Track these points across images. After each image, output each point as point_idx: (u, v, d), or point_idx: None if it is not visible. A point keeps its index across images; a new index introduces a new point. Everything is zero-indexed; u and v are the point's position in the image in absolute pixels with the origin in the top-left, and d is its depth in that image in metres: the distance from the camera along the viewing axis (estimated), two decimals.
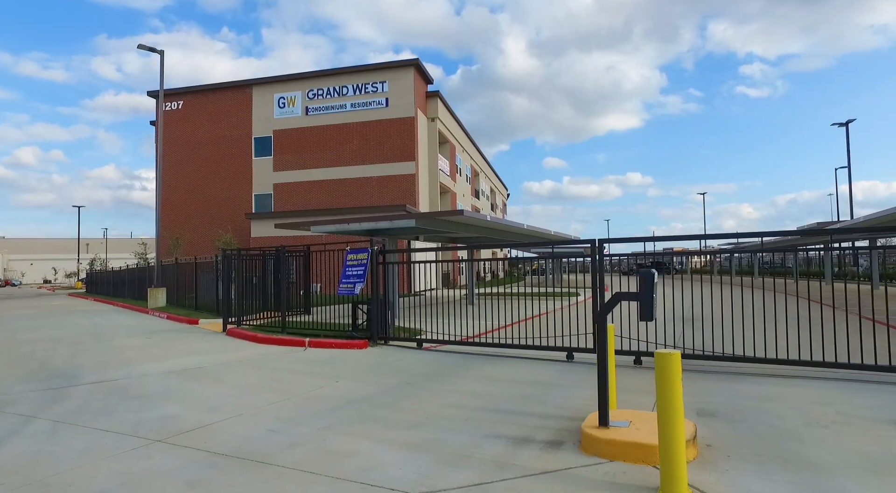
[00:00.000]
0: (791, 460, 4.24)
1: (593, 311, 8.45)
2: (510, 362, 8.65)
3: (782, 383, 6.76)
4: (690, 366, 7.83)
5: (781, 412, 5.51)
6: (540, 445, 4.70)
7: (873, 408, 5.58)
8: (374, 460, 4.39)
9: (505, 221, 15.36)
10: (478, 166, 50.11)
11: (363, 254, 10.73)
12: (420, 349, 10.07)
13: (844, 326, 7.96)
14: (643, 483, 3.82)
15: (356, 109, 31.65)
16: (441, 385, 7.15)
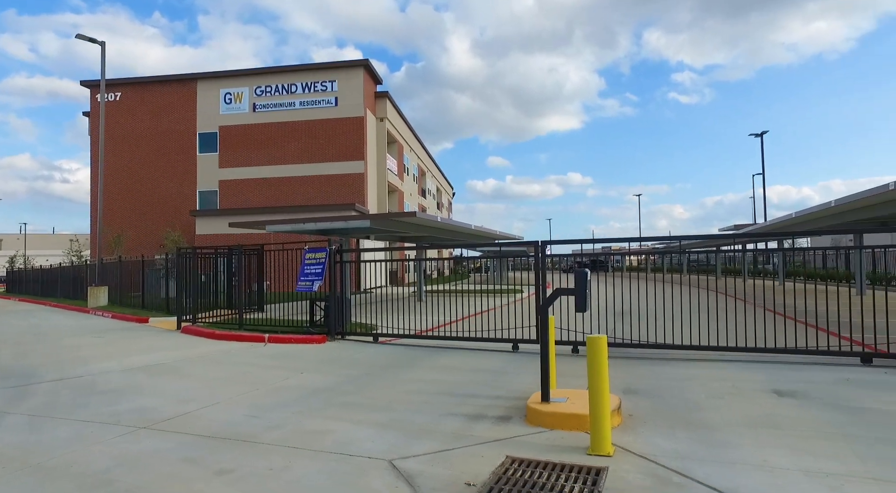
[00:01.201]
0: (692, 423, 5.19)
1: (537, 305, 9.33)
2: (461, 353, 9.40)
3: (696, 366, 7.85)
4: (622, 353, 8.85)
5: (691, 388, 6.53)
6: (492, 420, 5.45)
7: (761, 382, 6.72)
8: (348, 436, 5.00)
9: (454, 222, 16.13)
10: (425, 165, 50.81)
11: (321, 253, 11.19)
12: (376, 343, 10.67)
13: (750, 316, 9.23)
14: (577, 445, 4.63)
15: (305, 107, 31.60)
16: (400, 374, 7.80)
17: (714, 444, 4.60)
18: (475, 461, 4.31)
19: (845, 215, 14.24)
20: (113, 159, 33.74)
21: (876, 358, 7.60)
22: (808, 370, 7.34)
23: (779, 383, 6.69)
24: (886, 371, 7.15)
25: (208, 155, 33.14)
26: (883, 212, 12.27)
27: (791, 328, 9.24)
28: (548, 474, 4.07)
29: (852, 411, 5.45)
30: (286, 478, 4.04)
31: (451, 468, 4.17)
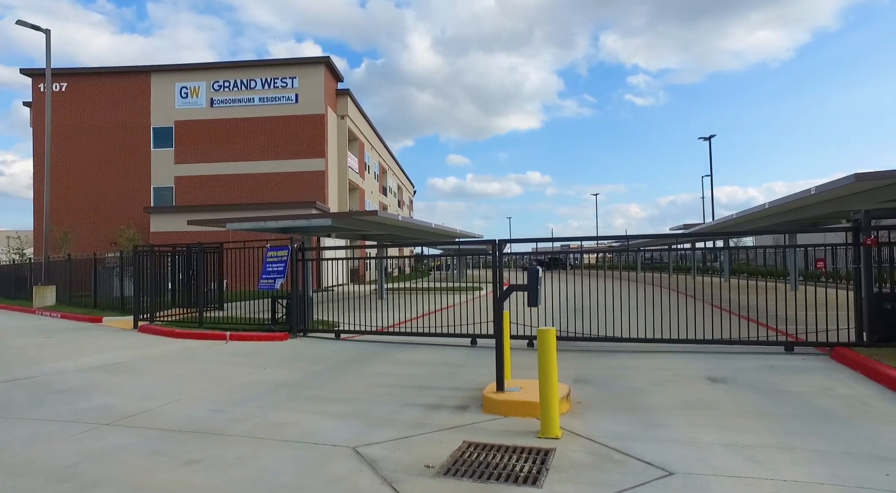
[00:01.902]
0: (634, 407, 5.66)
1: (494, 302, 9.72)
2: (422, 348, 9.71)
3: (641, 357, 8.41)
4: (574, 346, 9.34)
5: (636, 377, 7.04)
6: (450, 409, 5.78)
7: (698, 370, 7.30)
8: (313, 427, 5.23)
9: (415, 221, 16.41)
10: (386, 164, 50.80)
11: (283, 251, 11.27)
12: (338, 340, 10.85)
13: (694, 311, 9.89)
14: (529, 429, 5.01)
15: (265, 103, 31.16)
16: (362, 369, 8.04)
17: (652, 425, 5.06)
18: (434, 446, 4.62)
19: (779, 216, 15.27)
20: (59, 153, 32.39)
21: (797, 346, 8.33)
22: (739, 359, 7.98)
23: (713, 370, 7.27)
24: (804, 358, 7.87)
25: (163, 150, 32.26)
26: (809, 214, 13.26)
27: (727, 321, 9.94)
28: (501, 455, 4.42)
29: (772, 393, 6.05)
30: (254, 465, 4.25)
31: (412, 453, 4.47)
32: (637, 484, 3.76)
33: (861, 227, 7.65)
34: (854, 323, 8.00)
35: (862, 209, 7.53)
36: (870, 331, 7.67)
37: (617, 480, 3.84)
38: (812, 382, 6.50)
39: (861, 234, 7.66)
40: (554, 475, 3.97)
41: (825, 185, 9.42)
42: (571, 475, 3.97)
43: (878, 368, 6.45)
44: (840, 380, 6.56)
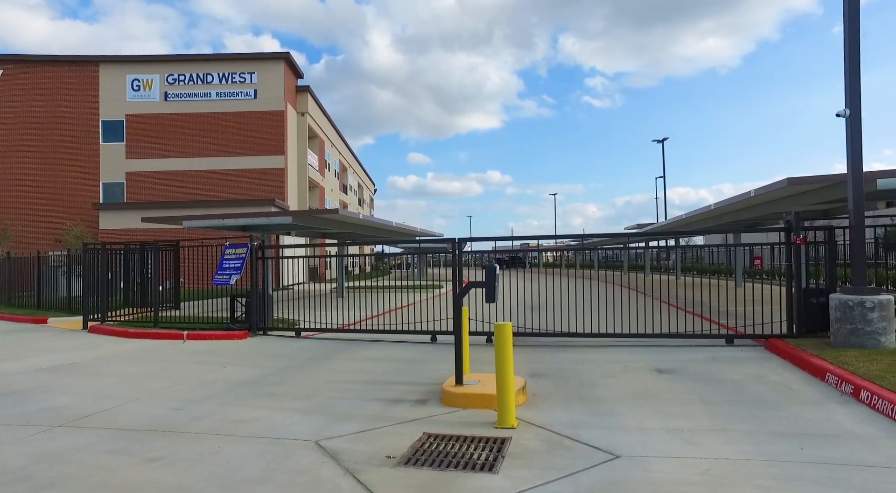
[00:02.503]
0: (587, 398, 5.97)
1: (454, 299, 9.93)
2: (382, 345, 9.83)
3: (595, 351, 8.78)
4: (532, 342, 9.65)
5: (589, 370, 7.38)
6: (410, 403, 5.95)
7: (647, 362, 7.71)
8: (275, 422, 5.30)
9: (376, 219, 16.47)
10: (346, 161, 50.41)
11: (242, 249, 11.17)
12: (299, 338, 10.84)
13: (645, 306, 10.37)
14: (486, 420, 5.23)
15: (222, 98, 30.43)
16: (323, 366, 8.11)
17: (602, 413, 5.37)
18: (395, 438, 4.78)
19: (724, 217, 16.11)
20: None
21: (737, 339, 8.90)
22: (685, 352, 8.45)
23: (660, 363, 7.70)
24: (743, 349, 8.42)
25: (113, 144, 31.06)
26: (751, 215, 14.07)
27: (676, 317, 10.47)
28: (460, 445, 4.62)
29: (712, 382, 6.48)
30: (217, 461, 4.30)
31: (373, 445, 4.62)
32: (586, 467, 4.02)
33: (792, 227, 8.25)
34: (786, 316, 8.60)
35: (793, 211, 8.12)
36: (799, 323, 8.28)
37: (567, 464, 4.10)
38: (748, 371, 6.99)
39: (792, 234, 8.26)
40: (510, 461, 4.19)
41: (762, 188, 10.05)
42: (526, 461, 4.21)
43: (803, 356, 6.99)
44: (771, 368, 7.07)
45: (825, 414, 5.13)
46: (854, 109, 7.46)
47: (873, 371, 5.94)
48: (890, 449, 4.24)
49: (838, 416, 5.07)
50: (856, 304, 7.17)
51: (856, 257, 7.43)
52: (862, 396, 5.41)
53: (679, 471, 3.90)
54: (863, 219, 7.50)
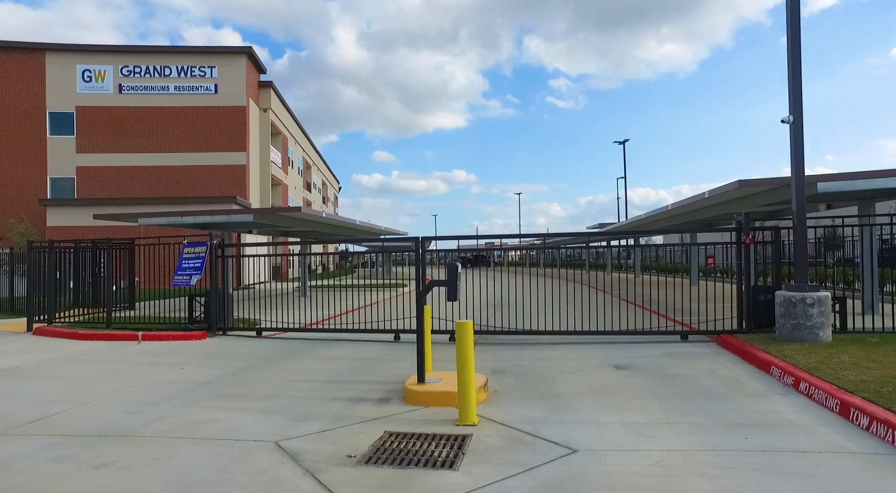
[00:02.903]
0: (547, 394, 6.10)
1: (416, 298, 9.96)
2: (345, 344, 9.77)
3: (556, 348, 8.95)
4: (495, 340, 9.77)
5: (549, 367, 7.53)
6: (372, 401, 5.95)
7: (606, 358, 7.93)
8: (234, 423, 5.22)
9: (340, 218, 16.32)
10: (310, 159, 49.71)
11: (202, 247, 10.90)
12: (260, 338, 10.67)
13: (606, 304, 10.64)
14: (448, 418, 5.28)
15: (181, 92, 29.51)
16: (285, 365, 8.01)
17: (561, 409, 5.50)
18: (356, 437, 4.78)
19: (681, 217, 16.66)
20: None
21: (691, 335, 9.23)
22: (642, 348, 8.72)
23: (618, 359, 7.92)
24: (696, 345, 8.75)
25: (62, 138, 29.73)
26: (706, 215, 14.60)
27: (634, 314, 10.77)
28: (421, 443, 4.66)
29: (667, 377, 6.71)
30: (172, 464, 4.21)
31: (334, 444, 4.61)
32: (544, 462, 4.12)
33: (742, 227, 8.61)
34: (737, 313, 8.98)
35: (744, 212, 8.49)
36: (748, 319, 8.66)
37: (527, 459, 4.19)
38: (700, 365, 7.27)
39: (742, 234, 8.63)
40: (470, 458, 4.26)
41: (716, 189, 10.46)
42: (486, 457, 4.28)
43: (751, 351, 7.32)
44: (722, 363, 7.38)
45: (769, 405, 5.39)
46: (797, 116, 7.83)
47: (811, 363, 6.28)
48: (822, 435, 4.52)
49: (780, 406, 5.34)
50: (798, 300, 7.55)
51: (798, 256, 7.82)
52: (801, 387, 5.71)
53: (633, 463, 4.04)
54: (805, 220, 7.90)
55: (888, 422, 4.35)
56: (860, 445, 4.30)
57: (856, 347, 7.24)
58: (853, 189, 9.22)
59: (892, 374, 5.75)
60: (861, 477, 3.74)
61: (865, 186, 9.19)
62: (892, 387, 5.22)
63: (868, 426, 4.55)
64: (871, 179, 9.21)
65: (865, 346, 7.30)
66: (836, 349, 7.06)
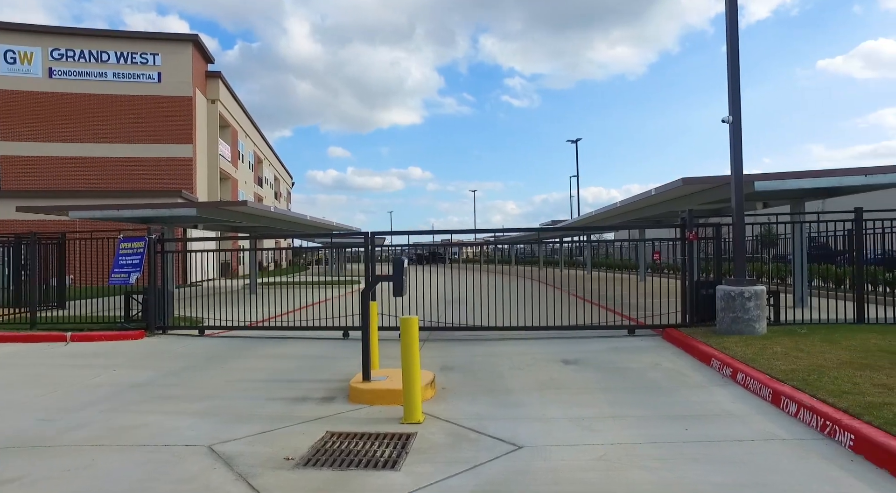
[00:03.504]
0: (494, 390, 6.06)
1: (361, 294, 9.76)
2: (293, 342, 9.48)
3: (506, 344, 8.95)
4: (445, 336, 9.69)
5: (499, 362, 7.51)
6: (316, 401, 5.75)
7: (555, 353, 7.98)
8: (166, 427, 4.91)
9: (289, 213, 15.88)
10: (262, 153, 48.37)
11: (139, 243, 10.34)
12: (203, 336, 10.22)
13: (557, 300, 10.74)
14: (393, 416, 5.14)
15: (121, 79, 27.98)
16: (227, 365, 7.68)
17: (508, 405, 5.46)
18: (296, 439, 4.59)
19: (630, 214, 17.06)
20: None
21: (638, 329, 9.43)
22: (591, 342, 8.83)
23: (567, 354, 7.98)
24: (643, 339, 8.94)
25: None
26: (654, 212, 15.01)
27: (584, 310, 10.92)
28: (363, 442, 4.51)
29: (613, 371, 6.80)
30: (90, 475, 3.90)
31: (272, 447, 4.40)
32: (489, 459, 4.05)
33: (686, 224, 8.85)
34: (681, 307, 9.22)
35: (688, 209, 8.74)
36: (692, 313, 8.92)
37: (471, 457, 4.11)
38: (645, 359, 7.41)
39: (686, 230, 8.86)
40: (413, 457, 4.14)
41: (662, 187, 10.74)
42: (429, 456, 4.17)
43: (693, 344, 7.53)
44: (666, 356, 7.55)
45: (708, 396, 5.53)
46: (736, 116, 8.09)
47: (748, 355, 6.50)
48: (756, 424, 4.67)
49: (718, 397, 5.48)
50: (737, 294, 7.82)
51: (737, 251, 8.09)
52: (738, 377, 5.89)
53: (577, 458, 4.03)
54: (743, 216, 8.18)
55: (813, 409, 4.53)
56: (789, 431, 4.45)
57: (787, 338, 7.56)
58: (785, 188, 9.64)
59: (818, 363, 6.01)
60: (788, 462, 3.86)
61: (796, 186, 9.63)
62: (817, 375, 5.45)
63: (796, 413, 4.73)
64: (801, 178, 9.66)
65: (796, 337, 7.63)
66: (770, 341, 7.34)
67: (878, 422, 4.05)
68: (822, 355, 6.36)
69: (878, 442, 3.75)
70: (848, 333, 7.84)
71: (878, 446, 3.73)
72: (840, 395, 4.76)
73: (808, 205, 11.76)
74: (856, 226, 8.85)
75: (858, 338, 7.44)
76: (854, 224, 8.82)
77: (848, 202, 10.68)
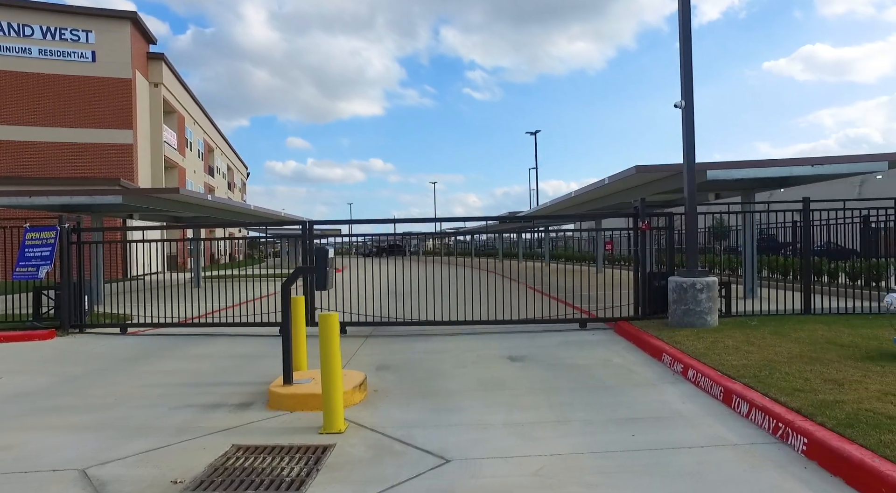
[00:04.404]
0: (432, 392, 5.55)
1: (304, 287, 9.11)
2: (223, 339, 8.74)
3: (453, 339, 8.46)
4: (389, 332, 9.14)
5: (441, 360, 7.01)
6: (230, 407, 5.12)
7: (502, 349, 7.53)
8: (37, 448, 4.19)
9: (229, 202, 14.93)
10: (213, 142, 46.39)
11: (50, 233, 9.35)
12: (124, 335, 9.37)
13: (511, 293, 10.32)
14: (313, 424, 4.57)
15: (49, 57, 25.87)
16: (141, 367, 6.93)
17: (443, 410, 4.96)
18: (194, 455, 3.97)
19: (587, 205, 16.88)
20: None
21: (589, 322, 9.10)
22: (541, 337, 8.43)
23: (515, 349, 7.55)
24: (594, 333, 8.60)
25: None
26: (609, 203, 14.82)
27: (537, 302, 10.54)
28: (272, 458, 3.93)
29: (561, 368, 6.39)
30: None
31: (160, 468, 3.76)
32: (410, 477, 3.54)
33: (639, 213, 8.54)
34: (633, 299, 8.93)
35: (641, 198, 8.43)
36: (644, 305, 8.63)
37: (391, 474, 3.59)
38: (595, 355, 7.04)
39: (639, 219, 8.56)
40: (325, 475, 3.59)
41: (615, 175, 10.45)
42: (344, 473, 3.63)
43: (644, 338, 7.21)
44: (616, 351, 7.21)
45: (657, 395, 5.17)
46: (688, 102, 7.80)
47: (699, 349, 6.20)
48: (707, 427, 4.31)
49: (668, 396, 5.13)
50: (689, 286, 7.55)
51: (689, 241, 7.83)
52: (689, 374, 5.57)
53: (510, 473, 3.56)
54: (695, 205, 7.91)
55: (765, 409, 4.20)
56: (741, 435, 4.10)
57: (738, 331, 7.34)
58: (737, 177, 9.49)
59: (770, 357, 5.75)
60: (741, 472, 3.49)
61: (747, 175, 9.49)
62: (768, 371, 5.16)
63: (748, 414, 4.40)
64: (752, 168, 9.53)
65: (746, 329, 7.42)
66: (721, 334, 7.09)
67: (831, 424, 3.73)
68: (772, 349, 6.11)
69: (831, 447, 3.42)
70: (796, 324, 7.69)
71: (832, 451, 3.40)
72: (792, 393, 4.46)
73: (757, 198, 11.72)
74: (803, 216, 8.73)
75: (806, 329, 7.28)
76: (802, 214, 8.71)
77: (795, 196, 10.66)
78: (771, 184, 10.85)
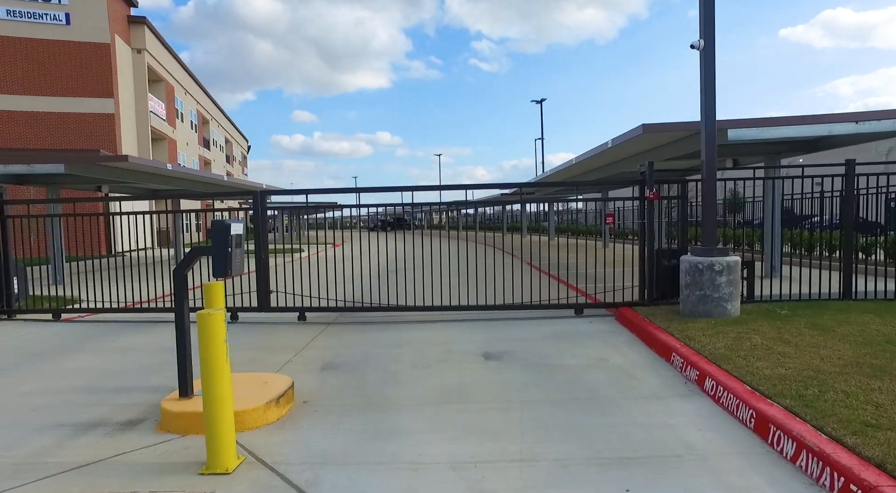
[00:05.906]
0: (375, 404, 4.35)
1: (257, 269, 7.92)
2: (165, 328, 7.59)
3: (426, 328, 7.24)
4: (356, 318, 7.96)
5: (403, 356, 5.80)
6: (111, 428, 3.96)
7: (479, 342, 6.30)
8: None
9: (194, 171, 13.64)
10: (208, 113, 44.87)
11: None
12: (56, 322, 8.27)
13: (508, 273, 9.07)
14: (199, 458, 3.40)
15: (18, 19, 24.34)
16: (48, 365, 5.81)
17: (381, 433, 3.77)
18: None
19: (591, 174, 15.47)
20: None
21: (586, 308, 7.82)
22: (528, 326, 7.18)
23: (494, 343, 6.32)
24: (591, 321, 7.33)
25: None
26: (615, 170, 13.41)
27: (535, 281, 9.29)
28: None
29: (545, 370, 5.14)
30: None
31: None
32: None
33: (646, 180, 7.17)
34: (639, 281, 7.65)
35: (648, 161, 7.06)
36: (651, 288, 7.33)
37: None
38: (590, 351, 5.80)
39: (646, 187, 7.19)
40: None
41: (620, 136, 9.03)
42: None
43: (651, 331, 5.92)
44: (616, 346, 5.94)
45: (664, 416, 3.91)
46: (708, 42, 6.37)
47: (719, 350, 4.91)
48: (735, 477, 2.99)
49: (679, 418, 3.86)
50: (705, 267, 6.23)
51: (707, 213, 6.48)
52: (706, 385, 4.31)
53: None
54: (714, 171, 6.54)
55: (824, 457, 2.83)
56: None
57: (766, 322, 6.05)
58: (765, 137, 8.06)
59: (815, 364, 4.46)
60: None
61: (777, 135, 8.06)
62: (818, 388, 3.85)
63: (795, 457, 3.08)
64: (784, 126, 8.07)
65: (776, 321, 6.13)
66: (745, 327, 5.81)
67: None
68: (815, 351, 4.80)
69: None
70: (838, 314, 6.37)
71: None
72: (861, 430, 3.10)
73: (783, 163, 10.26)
74: (846, 183, 7.33)
75: (854, 322, 5.96)
76: (845, 180, 7.29)
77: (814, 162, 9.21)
78: (803, 146, 9.39)
